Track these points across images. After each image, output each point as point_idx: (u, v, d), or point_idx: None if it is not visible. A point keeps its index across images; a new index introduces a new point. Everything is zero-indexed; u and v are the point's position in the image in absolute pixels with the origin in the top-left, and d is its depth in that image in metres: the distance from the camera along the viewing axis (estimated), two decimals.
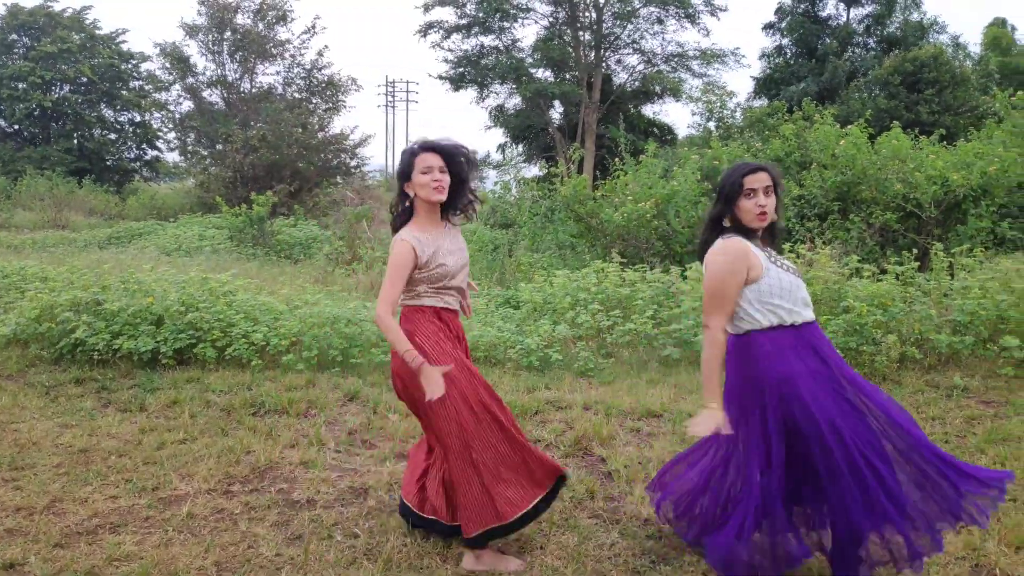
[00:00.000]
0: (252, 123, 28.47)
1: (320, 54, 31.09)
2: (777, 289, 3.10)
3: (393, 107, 63.23)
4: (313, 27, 31.27)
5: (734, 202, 3.13)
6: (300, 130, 26.27)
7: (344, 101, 30.38)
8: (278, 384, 6.42)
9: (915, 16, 33.48)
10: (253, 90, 30.97)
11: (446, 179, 3.38)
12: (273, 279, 11.12)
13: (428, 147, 3.40)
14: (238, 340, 7.05)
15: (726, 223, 3.17)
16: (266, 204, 18.42)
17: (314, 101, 30.27)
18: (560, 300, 7.96)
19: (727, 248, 3.13)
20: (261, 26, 30.36)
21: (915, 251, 8.75)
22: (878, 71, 27.64)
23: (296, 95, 30.48)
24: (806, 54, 33.48)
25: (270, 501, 4.23)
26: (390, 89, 65.02)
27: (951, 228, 10.25)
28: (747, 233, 3.17)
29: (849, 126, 12.04)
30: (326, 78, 30.34)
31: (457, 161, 3.43)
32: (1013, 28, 33.58)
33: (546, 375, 6.65)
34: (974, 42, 46.56)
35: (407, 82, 72.68)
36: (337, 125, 53.51)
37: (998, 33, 32.60)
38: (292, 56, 30.65)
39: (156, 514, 4.07)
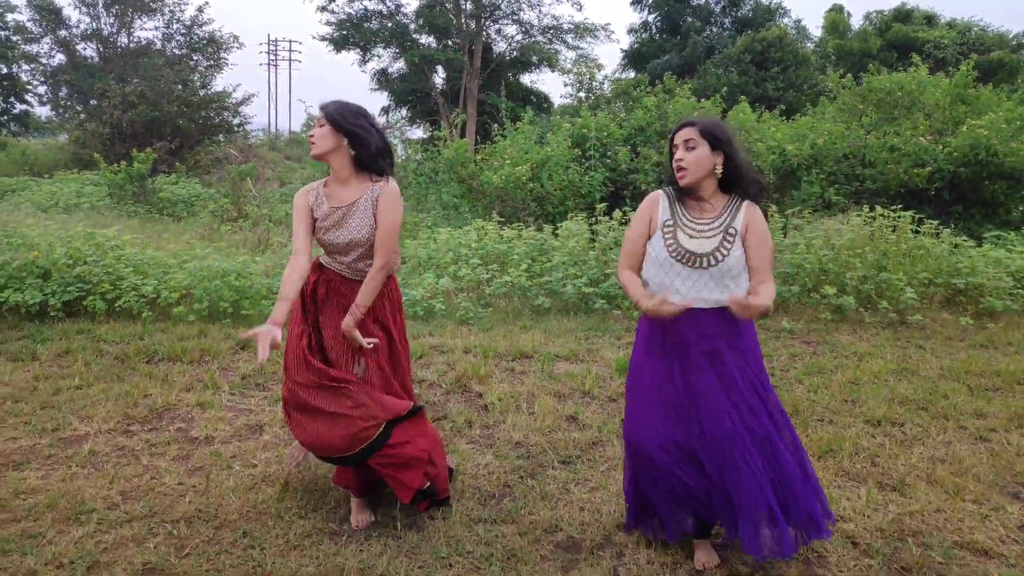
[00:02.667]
0: (129, 79, 27.19)
1: (201, 10, 29.86)
2: (651, 258, 2.95)
3: (275, 66, 61.31)
4: None
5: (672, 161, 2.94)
6: (180, 87, 25.27)
7: (226, 59, 29.40)
8: (170, 335, 6.44)
9: (765, 0, 35.04)
10: (131, 45, 29.49)
11: (318, 133, 3.20)
12: (158, 236, 10.91)
13: (321, 109, 3.28)
14: (128, 293, 6.98)
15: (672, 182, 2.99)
16: (147, 161, 17.82)
17: (195, 58, 29.12)
18: (443, 256, 8.23)
19: (647, 197, 3.07)
20: None
21: None
22: (731, 49, 28.86)
23: (176, 51, 29.25)
24: (670, 30, 34.54)
25: (169, 439, 4.35)
26: (272, 48, 62.98)
27: (787, 192, 11.06)
28: (681, 188, 2.95)
29: (704, 99, 12.70)
30: (207, 35, 29.25)
31: (337, 118, 3.19)
32: (849, 14, 35.68)
33: (430, 323, 6.93)
34: (815, 26, 49.11)
35: (289, 41, 70.70)
36: (219, 83, 51.58)
37: (836, 18, 34.58)
38: (172, 12, 29.40)
39: (58, 452, 4.14)
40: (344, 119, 3.18)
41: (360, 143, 3.21)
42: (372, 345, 3.25)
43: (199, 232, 11.99)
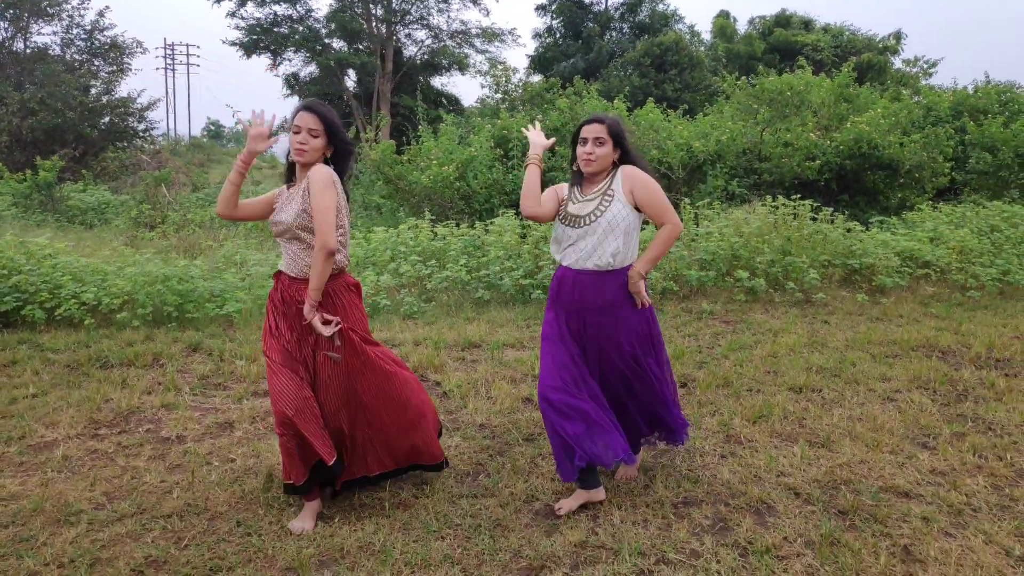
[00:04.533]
0: (27, 85, 25.91)
1: (101, 14, 28.59)
2: (555, 227, 3.37)
3: (173, 71, 59.19)
4: None
5: (575, 148, 3.31)
6: (80, 93, 24.25)
7: (129, 64, 28.28)
8: (117, 340, 6.35)
9: (660, 7, 36.07)
10: (27, 51, 28.08)
11: (313, 143, 3.16)
12: (77, 245, 10.57)
13: (304, 106, 3.20)
14: (67, 301, 6.82)
15: (575, 166, 3.34)
16: (53, 169, 17.13)
17: (97, 63, 27.91)
18: (381, 254, 8.34)
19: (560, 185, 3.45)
20: None
21: None
22: (632, 53, 29.64)
23: (77, 57, 27.98)
24: (573, 35, 35.15)
25: (141, 440, 4.36)
26: (169, 52, 60.80)
27: (695, 186, 11.58)
28: (581, 175, 3.34)
29: (613, 100, 13.12)
30: (109, 40, 28.04)
31: (336, 131, 3.19)
32: (735, 19, 37.06)
33: (376, 319, 7.04)
34: (705, 30, 50.78)
35: (187, 45, 68.34)
36: (123, 88, 49.64)
37: (724, 23, 35.87)
38: (71, 16, 28.03)
39: (30, 459, 4.09)
40: (339, 131, 3.19)
41: (344, 154, 3.26)
42: (336, 328, 3.18)
43: (123, 239, 11.67)
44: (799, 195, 10.42)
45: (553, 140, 3.49)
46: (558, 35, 35.85)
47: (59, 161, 17.75)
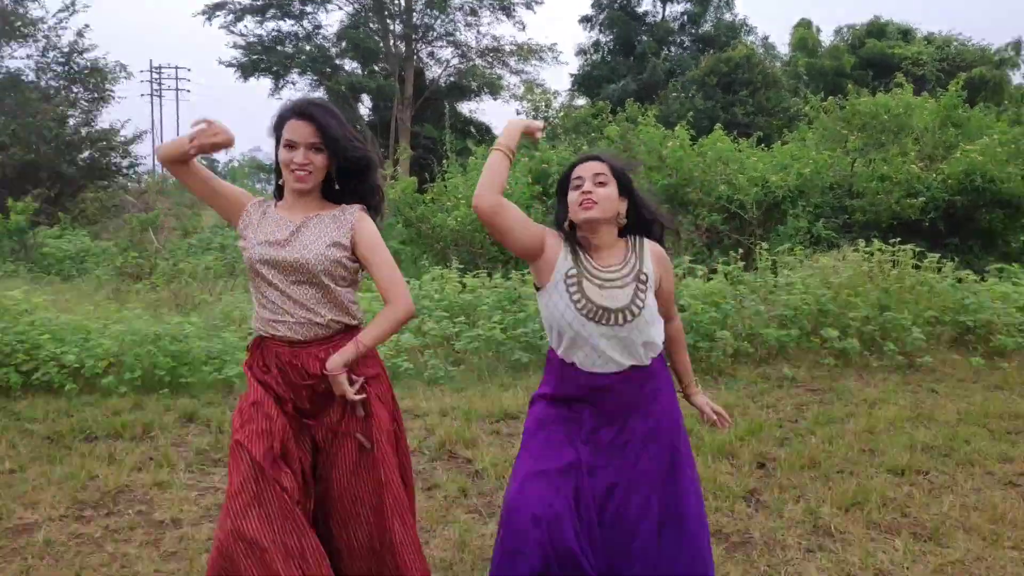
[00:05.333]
0: None
1: (81, 35, 29.68)
2: (557, 315, 2.87)
3: (160, 97, 61.14)
4: (72, 3, 29.67)
5: (564, 197, 2.91)
6: (56, 125, 25.09)
7: (112, 91, 29.23)
8: (102, 409, 6.56)
9: (727, 16, 36.56)
10: None
11: (317, 161, 2.87)
12: (56, 298, 10.90)
13: (300, 113, 2.88)
14: (46, 363, 7.07)
15: (567, 226, 2.91)
16: (25, 211, 17.73)
17: (75, 90, 28.95)
18: None
19: (548, 228, 2.98)
20: (7, 0, 28.71)
21: (740, 251, 9.98)
22: (695, 71, 30.07)
23: (53, 83, 29.06)
24: (624, 51, 35.68)
25: (131, 523, 4.51)
26: (156, 76, 62.80)
27: (772, 228, 11.69)
28: (577, 234, 2.92)
29: (674, 128, 13.36)
30: (89, 64, 29.09)
31: (345, 146, 2.88)
32: (819, 29, 37.41)
33: (397, 384, 7.20)
34: (782, 43, 51.22)
35: (176, 67, 70.38)
36: (105, 119, 50.80)
37: (805, 34, 36.23)
38: (46, 36, 29.17)
39: (8, 543, 4.25)
40: (343, 139, 2.88)
41: (360, 171, 3.00)
42: (362, 396, 2.86)
43: (106, 292, 12.04)
44: (899, 239, 10.47)
45: (541, 124, 3.04)
46: (607, 51, 36.42)
47: (32, 203, 18.35)
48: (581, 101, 32.91)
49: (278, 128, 2.92)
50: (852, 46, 34.62)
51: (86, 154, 26.12)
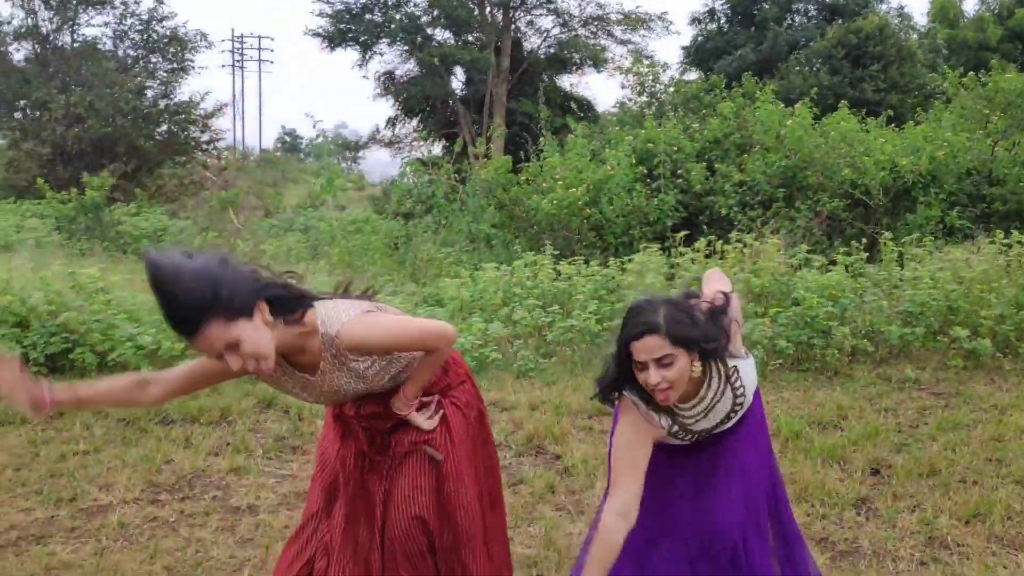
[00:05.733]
0: (73, 87, 27.84)
1: (160, 1, 30.53)
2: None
3: (242, 68, 62.70)
4: None
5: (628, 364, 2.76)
6: (134, 96, 25.92)
7: (191, 61, 30.13)
8: None
9: None
10: (75, 45, 30.00)
11: (251, 345, 2.48)
12: (131, 279, 11.36)
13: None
14: (122, 344, 7.42)
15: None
16: (103, 187, 18.32)
17: (154, 60, 29.91)
18: (491, 296, 8.74)
19: (630, 412, 2.89)
20: None
21: (863, 241, 9.86)
22: (820, 43, 29.51)
23: (131, 53, 30.07)
24: (742, 20, 35.19)
25: (207, 508, 4.80)
26: (238, 46, 64.36)
27: (900, 217, 11.50)
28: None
29: (794, 105, 13.22)
30: (168, 32, 29.96)
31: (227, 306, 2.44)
32: None
33: (484, 375, 7.39)
34: (920, 12, 49.65)
35: (259, 37, 71.94)
36: (184, 91, 51.84)
37: (945, 3, 35.16)
38: (124, 4, 30.11)
39: (82, 524, 4.58)
40: (230, 293, 2.43)
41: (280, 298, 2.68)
42: (439, 412, 3.03)
43: None
44: None
45: None
46: (723, 20, 35.98)
47: (109, 178, 18.96)
48: (693, 75, 32.56)
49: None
50: (999, 16, 33.53)
51: (164, 128, 27.00)
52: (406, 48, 35.11)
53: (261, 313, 2.49)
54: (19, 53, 29.97)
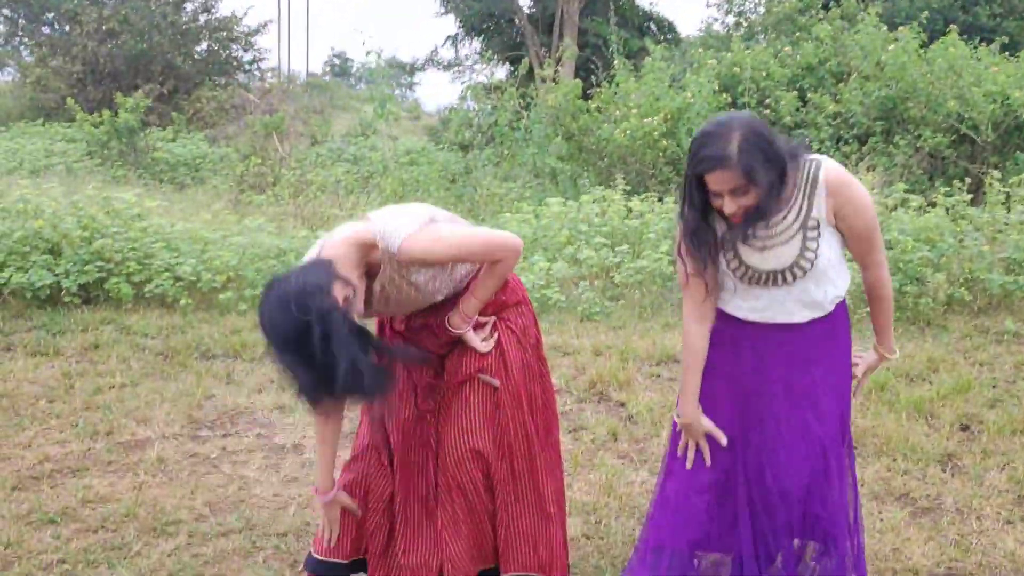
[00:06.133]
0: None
1: None
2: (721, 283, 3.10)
3: None
4: None
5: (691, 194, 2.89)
6: (173, 10, 25.89)
7: None
8: (218, 326, 7.16)
9: None
10: None
11: None
12: (168, 208, 11.66)
13: None
14: (160, 274, 7.71)
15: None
16: (137, 109, 18.36)
17: None
18: (556, 234, 8.86)
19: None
20: None
21: (967, 180, 9.74)
22: None
23: None
24: None
25: (250, 445, 5.02)
26: None
27: (1009, 155, 11.33)
28: None
29: (896, 28, 13.00)
30: None
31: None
32: None
33: (546, 318, 7.53)
34: None
35: None
36: (227, 5, 51.22)
37: None
38: None
39: (120, 458, 4.82)
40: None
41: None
42: (494, 336, 3.17)
43: (225, 203, 12.80)
44: None
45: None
46: None
47: (144, 99, 19.02)
48: None
49: None
50: None
51: (204, 45, 26.83)
52: None
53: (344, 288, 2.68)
54: None
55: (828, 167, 2.83)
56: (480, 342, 3.12)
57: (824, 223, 2.83)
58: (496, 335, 3.16)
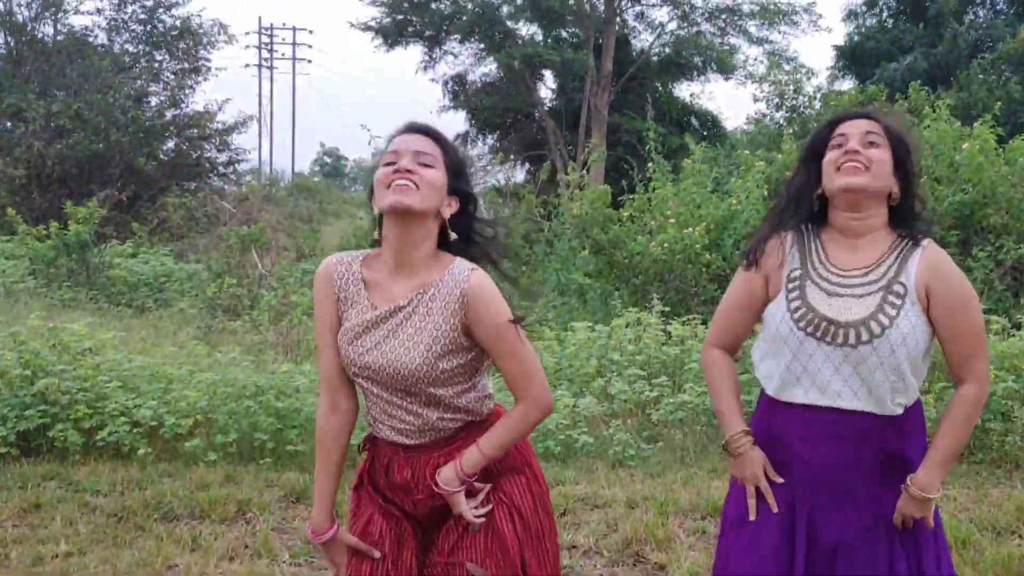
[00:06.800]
0: (55, 91, 27.94)
1: None
2: (768, 331, 3.08)
3: (271, 70, 63.19)
4: None
5: (818, 159, 3.02)
6: (133, 105, 25.88)
7: (207, 60, 30.29)
8: (184, 481, 7.09)
9: None
10: (58, 38, 30.01)
11: (425, 174, 2.93)
12: (126, 337, 11.63)
13: (409, 127, 3.07)
14: (114, 419, 7.63)
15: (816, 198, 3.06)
16: (90, 220, 18.29)
17: (159, 59, 30.08)
18: (583, 364, 8.88)
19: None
20: None
21: None
22: (1011, 43, 29.13)
23: (129, 48, 30.27)
24: (911, 15, 34.84)
25: None
26: (267, 41, 64.62)
27: None
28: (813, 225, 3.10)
29: (972, 123, 13.12)
30: (178, 22, 30.16)
31: (452, 150, 3.07)
32: None
33: (572, 464, 7.50)
34: None
35: (293, 28, 71.68)
36: (199, 98, 50.96)
37: None
38: None
39: None
40: (464, 168, 3.13)
41: (469, 223, 3.14)
42: (485, 512, 3.07)
43: (193, 330, 12.84)
44: None
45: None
46: (886, 14, 35.58)
47: (98, 209, 18.99)
48: (847, 83, 32.31)
49: (387, 146, 3.08)
50: None
51: (171, 144, 26.99)
52: (482, 46, 35.13)
53: (450, 188, 3.00)
54: None
55: (932, 243, 2.95)
56: (471, 512, 3.02)
57: (911, 293, 2.86)
58: (490, 507, 3.06)
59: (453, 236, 3.01)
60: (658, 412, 8.23)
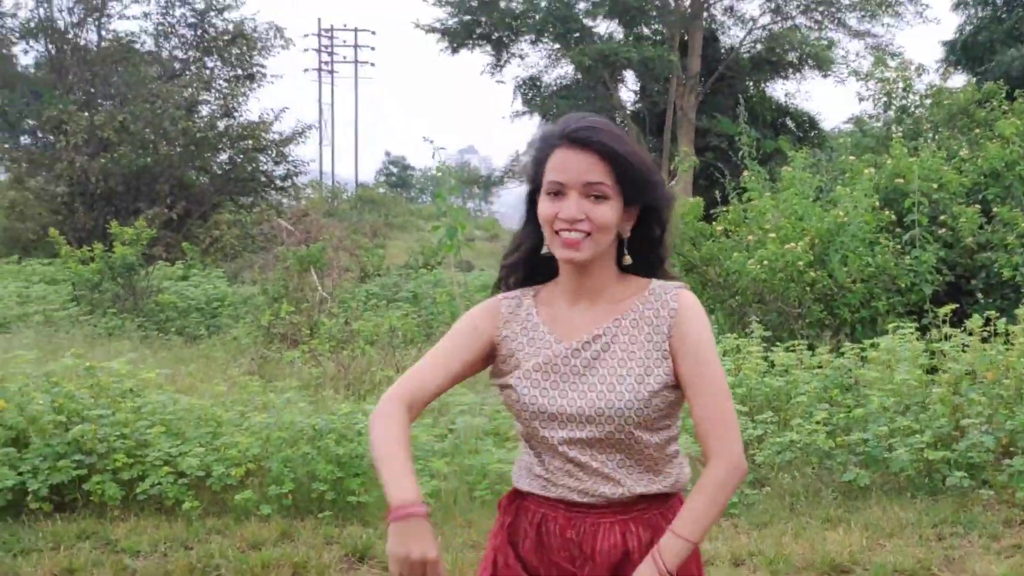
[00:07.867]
0: (100, 101, 28.49)
1: None
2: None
3: (332, 72, 63.64)
4: None
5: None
6: (184, 115, 25.96)
7: (263, 67, 30.37)
8: (233, 539, 6.94)
9: None
10: (102, 44, 30.08)
11: (597, 216, 2.63)
12: (173, 373, 11.54)
13: (573, 138, 2.68)
14: (157, 469, 7.47)
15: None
16: (137, 242, 18.35)
17: (210, 65, 30.28)
18: None
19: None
20: None
21: None
22: None
23: (179, 55, 30.57)
24: None
25: None
26: (327, 43, 65.05)
27: None
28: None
29: None
30: (231, 27, 30.31)
31: (625, 164, 2.67)
32: None
33: None
34: None
35: (355, 30, 72.27)
36: (253, 107, 51.15)
37: None
38: None
39: None
40: (643, 172, 2.74)
41: (655, 224, 2.82)
42: None
43: (246, 363, 12.73)
44: None
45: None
46: (1001, 2, 35.12)
47: (146, 229, 19.09)
48: (959, 80, 31.84)
49: (542, 163, 2.74)
50: None
51: (224, 157, 27.25)
52: (556, 47, 35.23)
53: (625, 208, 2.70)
54: (27, 56, 30.50)
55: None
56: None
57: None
58: None
59: (627, 260, 2.77)
60: (763, 453, 8.03)
